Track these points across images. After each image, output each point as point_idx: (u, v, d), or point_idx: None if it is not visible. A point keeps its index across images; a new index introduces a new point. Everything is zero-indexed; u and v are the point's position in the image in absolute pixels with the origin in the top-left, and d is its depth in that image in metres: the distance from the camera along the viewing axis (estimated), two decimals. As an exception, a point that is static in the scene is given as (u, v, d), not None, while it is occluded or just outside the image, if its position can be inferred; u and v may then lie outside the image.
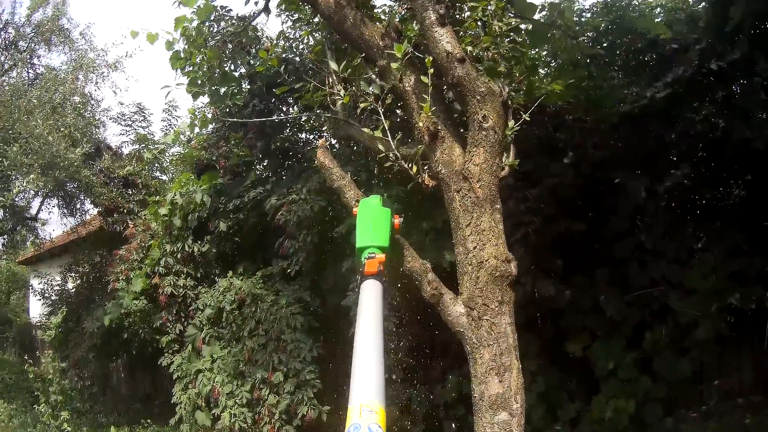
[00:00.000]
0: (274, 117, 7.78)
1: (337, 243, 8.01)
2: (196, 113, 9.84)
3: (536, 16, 6.88)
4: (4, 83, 12.56)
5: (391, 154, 3.52)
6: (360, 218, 2.25)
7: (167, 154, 13.09)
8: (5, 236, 15.85)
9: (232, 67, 8.13)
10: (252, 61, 8.19)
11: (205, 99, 8.30)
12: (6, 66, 13.58)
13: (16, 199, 12.62)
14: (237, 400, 7.63)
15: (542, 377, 7.61)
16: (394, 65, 3.48)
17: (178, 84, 6.94)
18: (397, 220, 2.45)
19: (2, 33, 13.91)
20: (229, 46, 7.56)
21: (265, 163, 9.53)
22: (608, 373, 7.45)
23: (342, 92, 4.05)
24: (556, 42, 8.00)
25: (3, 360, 23.14)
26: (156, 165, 13.29)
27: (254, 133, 8.79)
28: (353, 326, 6.31)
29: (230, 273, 8.71)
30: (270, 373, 7.42)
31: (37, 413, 10.81)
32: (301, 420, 7.29)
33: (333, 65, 4.18)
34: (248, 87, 8.95)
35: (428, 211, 7.21)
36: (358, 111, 4.04)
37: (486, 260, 3.27)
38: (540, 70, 8.13)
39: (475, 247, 3.30)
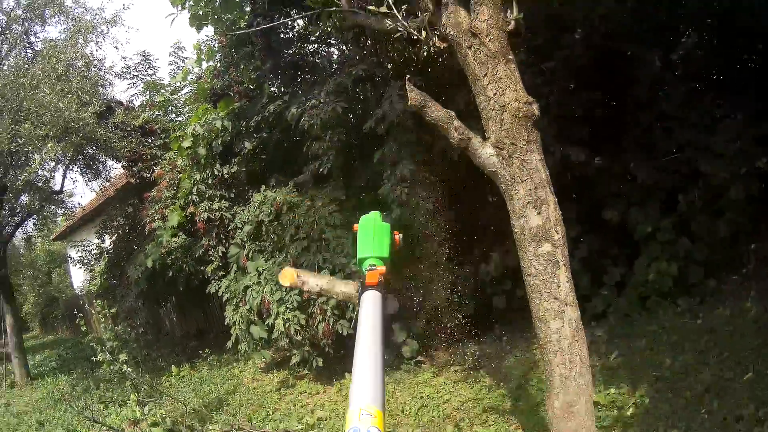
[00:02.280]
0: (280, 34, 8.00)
1: (363, 143, 8.41)
2: (202, 47, 10.16)
3: None
4: (5, 66, 12.83)
5: (399, 26, 3.81)
6: (361, 232, 2.25)
7: (180, 94, 13.38)
8: (35, 216, 16.49)
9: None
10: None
11: (209, 31, 8.55)
12: (4, 52, 13.79)
13: (39, 173, 12.91)
14: (288, 305, 8.02)
15: (585, 243, 8.00)
16: None
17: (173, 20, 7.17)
18: (398, 236, 2.43)
19: None
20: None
21: (278, 80, 9.87)
22: (647, 236, 7.70)
23: None
24: None
25: (57, 339, 24.16)
26: (170, 108, 13.59)
27: (262, 51, 9.11)
28: (391, 214, 6.73)
29: (263, 187, 9.05)
30: (316, 271, 7.80)
31: (98, 376, 11.40)
32: (354, 311, 7.66)
33: None
34: (249, 9, 9.20)
35: (450, 96, 7.51)
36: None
37: (508, 103, 3.47)
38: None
39: (495, 94, 3.49)
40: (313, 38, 9.67)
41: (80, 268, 17.61)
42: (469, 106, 7.79)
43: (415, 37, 3.94)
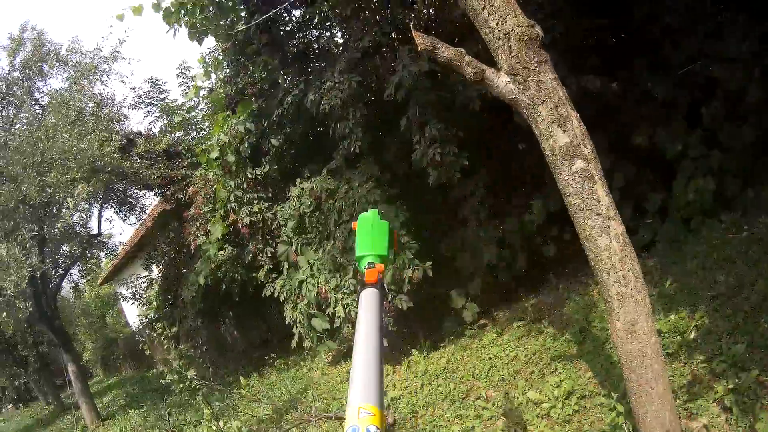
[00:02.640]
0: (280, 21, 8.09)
1: (385, 115, 8.49)
2: (207, 60, 10.31)
3: None
4: (17, 126, 13.11)
5: None
6: (359, 230, 2.29)
7: (196, 111, 13.58)
8: (79, 263, 16.90)
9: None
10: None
11: (210, 42, 8.69)
12: (12, 115, 14.06)
13: (74, 218, 13.28)
14: (344, 291, 8.16)
15: (619, 173, 7.92)
16: None
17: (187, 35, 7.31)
18: (396, 234, 2.49)
19: None
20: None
21: (290, 72, 9.95)
22: (679, 155, 7.71)
23: None
24: None
25: (121, 379, 24.72)
26: (189, 126, 13.81)
27: (267, 46, 9.25)
28: (429, 179, 6.77)
29: (299, 180, 9.16)
30: (366, 250, 7.91)
31: (169, 403, 11.71)
32: (410, 283, 7.76)
33: None
34: (244, 10, 9.33)
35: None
36: None
37: (511, 30, 3.50)
38: None
39: (497, 23, 3.53)
40: (314, 25, 9.77)
41: (133, 303, 17.92)
42: (478, 57, 7.86)
43: None
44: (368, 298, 1.88)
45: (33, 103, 14.25)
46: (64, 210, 12.47)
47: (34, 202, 11.32)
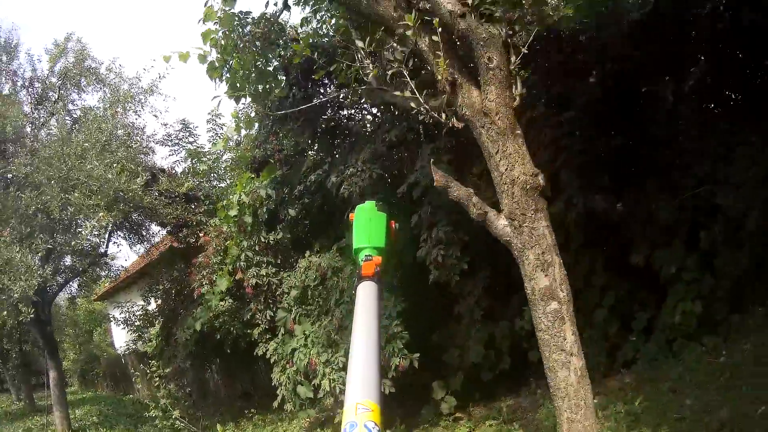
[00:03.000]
0: (315, 101, 8.49)
1: (402, 204, 8.78)
2: (240, 116, 10.75)
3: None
4: (44, 135, 13.52)
5: (421, 108, 4.29)
6: (356, 221, 2.23)
7: (221, 161, 13.97)
8: (79, 278, 17.21)
9: (266, 63, 8.91)
10: (283, 52, 8.96)
11: (247, 100, 9.08)
12: (43, 119, 14.53)
13: (86, 243, 13.52)
14: (333, 366, 8.45)
15: (612, 291, 8.22)
16: (408, 32, 4.16)
17: (225, 93, 7.70)
18: (394, 225, 2.36)
19: (30, 90, 14.78)
20: (258, 44, 8.33)
21: (316, 147, 10.41)
22: (672, 277, 7.87)
23: (370, 66, 4.85)
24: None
25: (97, 396, 24.79)
26: (213, 175, 14.23)
27: (299, 121, 9.69)
28: (430, 276, 7.08)
29: (308, 253, 9.57)
30: (358, 333, 8.24)
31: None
32: (395, 371, 8.08)
33: (359, 43, 4.92)
34: (284, 78, 9.76)
35: (479, 154, 7.87)
36: (388, 77, 4.72)
37: (517, 177, 3.93)
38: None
39: (506, 169, 3.95)
40: (347, 103, 10.18)
41: (123, 328, 18.06)
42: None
43: (436, 118, 4.34)
44: (365, 292, 1.82)
45: (66, 114, 14.70)
46: (80, 230, 12.79)
47: (54, 216, 11.67)
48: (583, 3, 8.29)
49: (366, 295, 1.80)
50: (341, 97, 9.50)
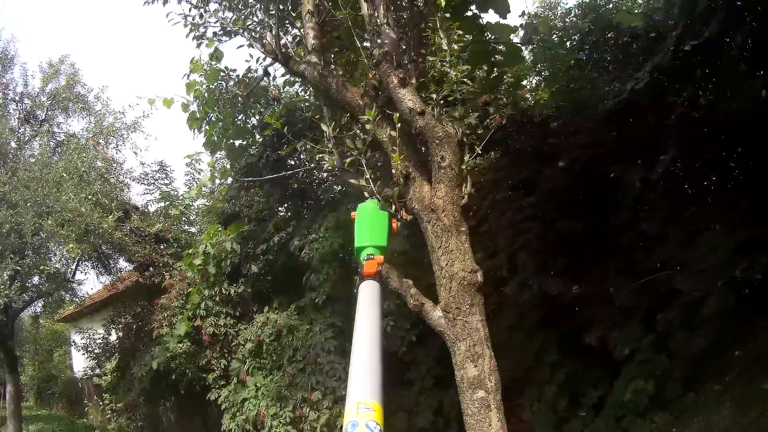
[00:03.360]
0: (287, 165, 8.69)
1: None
2: (216, 165, 10.96)
3: (513, 35, 7.79)
4: (27, 155, 13.67)
5: (374, 197, 4.46)
6: (358, 220, 2.32)
7: (193, 207, 14.17)
8: (44, 299, 17.20)
9: (245, 121, 9.13)
10: (263, 110, 9.20)
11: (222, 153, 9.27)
12: (27, 137, 14.68)
13: (54, 266, 13.72)
14: (281, 420, 8.59)
15: (563, 368, 8.30)
16: (368, 126, 4.42)
17: (202, 145, 7.89)
18: (395, 224, 2.49)
19: (19, 105, 15.02)
20: (239, 101, 8.55)
21: (285, 207, 10.66)
22: (626, 357, 7.88)
23: (333, 149, 5.06)
24: (536, 56, 8.75)
25: (51, 415, 24.48)
26: (184, 219, 14.39)
27: (269, 183, 9.95)
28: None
29: (266, 308, 9.79)
30: (309, 392, 8.43)
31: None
32: (340, 430, 8.16)
33: (324, 127, 5.14)
34: (260, 138, 10.00)
35: None
36: (346, 164, 4.91)
37: (456, 273, 4.10)
38: (523, 83, 8.88)
39: (446, 264, 4.13)
40: (318, 170, 10.41)
41: (83, 354, 18.06)
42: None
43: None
44: (368, 291, 1.84)
45: (50, 137, 14.90)
46: (50, 255, 12.90)
47: (26, 238, 11.76)
48: (558, 88, 8.60)
49: (368, 295, 1.82)
50: (308, 168, 9.73)
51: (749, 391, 7.17)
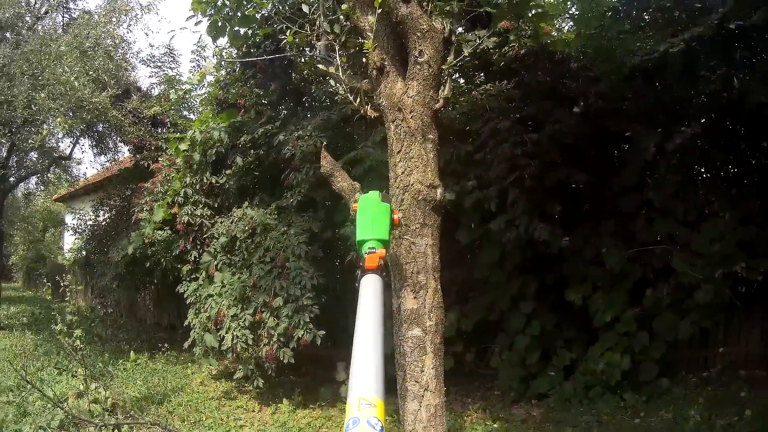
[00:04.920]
0: (271, 56, 8.37)
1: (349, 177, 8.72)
2: (224, 53, 10.70)
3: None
4: (39, 29, 13.49)
5: (340, 88, 4.19)
6: (360, 213, 2.32)
7: (195, 94, 13.92)
8: (38, 175, 17.28)
9: (254, 10, 8.83)
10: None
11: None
12: (42, 10, 14.46)
13: (48, 142, 13.74)
14: (240, 323, 8.44)
15: (538, 321, 8.22)
16: (344, 6, 4.05)
17: (197, 23, 7.61)
18: (397, 216, 2.52)
19: None
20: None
21: (282, 104, 10.40)
22: (606, 325, 7.87)
23: (311, 34, 4.73)
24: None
25: (36, 297, 24.86)
26: (184, 104, 14.16)
27: (264, 74, 9.69)
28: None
29: (246, 203, 9.56)
30: (271, 297, 8.26)
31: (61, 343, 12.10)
32: (297, 343, 8.10)
33: (305, 8, 4.79)
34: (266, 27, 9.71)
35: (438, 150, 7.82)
36: (319, 49, 4.55)
37: (411, 185, 3.68)
38: (551, 20, 8.54)
39: (402, 172, 3.73)
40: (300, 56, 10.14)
41: (72, 235, 18.25)
42: (447, 164, 8.19)
43: (350, 101, 4.21)
44: (369, 285, 1.85)
45: (64, 11, 14.80)
46: (38, 131, 12.83)
47: (17, 113, 11.68)
48: (586, 33, 8.26)
49: (370, 289, 1.83)
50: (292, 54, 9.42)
51: (726, 392, 7.17)
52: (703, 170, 8.85)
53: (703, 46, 7.73)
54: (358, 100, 4.15)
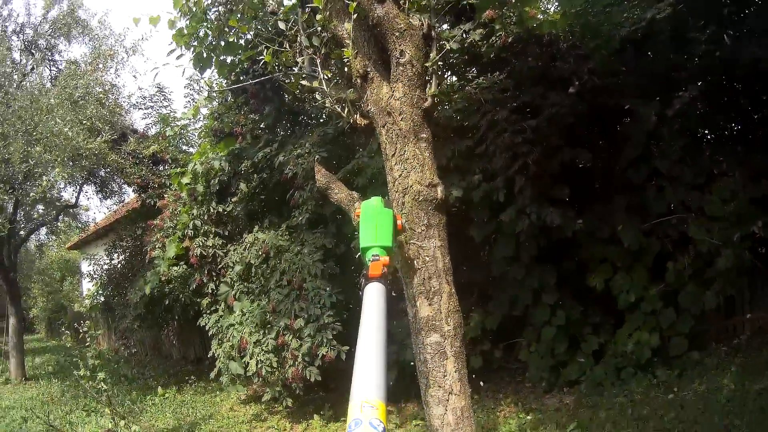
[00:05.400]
0: (257, 80, 8.39)
1: (351, 188, 8.66)
2: (213, 85, 10.73)
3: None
4: (27, 86, 13.57)
5: (326, 101, 4.14)
6: (363, 219, 2.31)
7: (191, 128, 14.01)
8: (47, 226, 17.41)
9: (237, 36, 8.84)
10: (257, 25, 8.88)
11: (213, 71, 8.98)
12: (29, 67, 14.56)
13: (50, 192, 13.73)
14: (263, 347, 8.46)
15: (563, 311, 8.15)
16: (318, 16, 4.00)
17: (178, 57, 7.60)
18: (400, 221, 2.52)
19: (20, 35, 14.91)
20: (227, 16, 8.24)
21: (279, 126, 10.42)
22: (631, 305, 7.81)
23: (290, 51, 4.68)
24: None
25: (60, 345, 25.03)
26: (182, 140, 14.24)
27: (256, 99, 9.72)
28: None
29: (256, 228, 9.59)
30: (292, 320, 8.27)
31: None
32: (322, 360, 8.13)
33: (281, 24, 4.72)
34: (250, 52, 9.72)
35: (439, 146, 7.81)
36: (300, 64, 4.43)
37: (410, 186, 3.58)
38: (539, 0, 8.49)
39: (400, 175, 3.63)
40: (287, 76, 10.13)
41: (90, 281, 18.33)
42: (450, 162, 8.15)
43: (337, 111, 4.15)
44: (373, 293, 1.84)
45: (51, 63, 14.91)
46: (39, 182, 12.91)
47: (15, 169, 11.77)
48: (571, 12, 8.21)
49: (373, 296, 1.82)
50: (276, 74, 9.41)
51: (757, 358, 7.06)
52: (706, 132, 8.81)
53: (690, 7, 7.70)
54: (346, 110, 4.09)
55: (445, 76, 9.10)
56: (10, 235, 14.80)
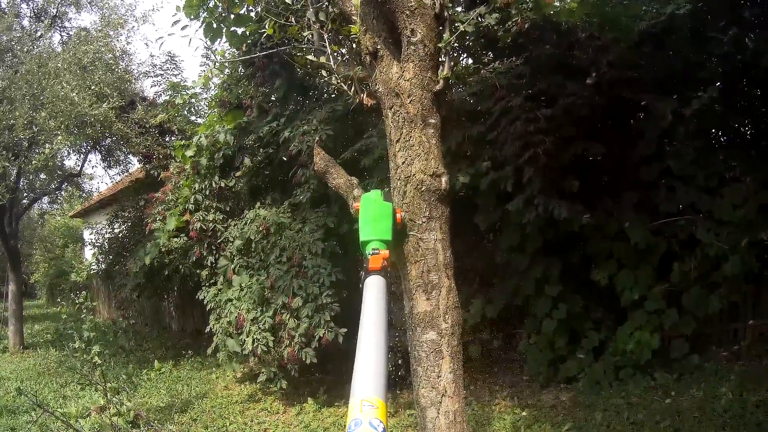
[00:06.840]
0: (266, 52, 8.28)
1: (357, 168, 8.63)
2: (226, 55, 10.63)
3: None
4: (35, 51, 13.52)
5: (333, 78, 4.03)
6: (362, 213, 2.34)
7: (202, 98, 13.88)
8: (49, 195, 17.45)
9: (248, 7, 8.76)
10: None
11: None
12: (38, 33, 14.50)
13: (53, 161, 13.65)
14: (260, 326, 8.40)
15: (565, 304, 8.11)
16: None
17: (183, 27, 7.51)
18: (399, 214, 2.54)
19: (30, 3, 14.86)
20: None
21: (288, 100, 10.26)
22: (635, 303, 7.79)
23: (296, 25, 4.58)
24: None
25: (60, 313, 25.18)
26: (191, 110, 14.12)
27: (264, 71, 9.67)
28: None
29: (257, 204, 9.51)
30: (290, 298, 8.19)
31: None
32: (319, 342, 8.07)
33: None
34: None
35: (448, 131, 7.68)
36: (306, 39, 4.40)
37: (413, 175, 3.37)
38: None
39: (403, 162, 3.42)
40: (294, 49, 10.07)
41: (91, 250, 18.38)
42: (460, 146, 8.09)
43: (344, 90, 4.03)
44: (373, 286, 1.86)
45: (61, 29, 14.88)
46: (41, 152, 12.88)
47: (18, 135, 11.72)
48: (590, 1, 8.08)
49: (374, 290, 1.84)
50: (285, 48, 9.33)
51: (758, 366, 7.07)
52: (720, 134, 8.75)
53: (711, 6, 7.62)
54: (353, 89, 3.95)
55: (461, 59, 8.96)
56: (12, 203, 14.89)
